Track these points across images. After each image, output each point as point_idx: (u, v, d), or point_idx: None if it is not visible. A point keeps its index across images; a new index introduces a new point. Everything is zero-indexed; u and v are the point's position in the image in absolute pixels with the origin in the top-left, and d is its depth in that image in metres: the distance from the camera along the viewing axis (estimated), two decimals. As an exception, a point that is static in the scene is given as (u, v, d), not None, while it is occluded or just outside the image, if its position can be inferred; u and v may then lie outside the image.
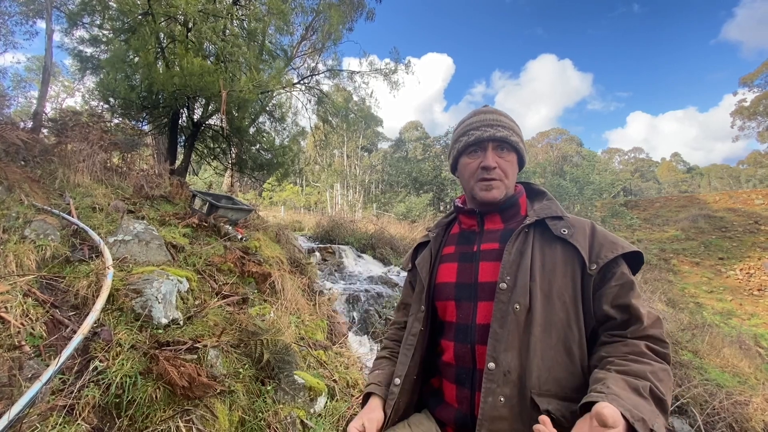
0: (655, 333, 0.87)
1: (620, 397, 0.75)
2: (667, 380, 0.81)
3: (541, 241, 1.00)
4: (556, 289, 0.94)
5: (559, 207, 1.07)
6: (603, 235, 0.98)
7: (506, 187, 1.07)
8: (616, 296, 0.91)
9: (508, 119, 1.10)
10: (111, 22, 6.15)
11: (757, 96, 31.72)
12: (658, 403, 0.77)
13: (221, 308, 2.81)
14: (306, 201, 36.37)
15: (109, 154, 4.93)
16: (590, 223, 1.02)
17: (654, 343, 0.86)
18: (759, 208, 22.13)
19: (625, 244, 0.96)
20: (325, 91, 10.60)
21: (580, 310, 0.93)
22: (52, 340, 1.89)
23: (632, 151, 67.23)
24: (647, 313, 0.89)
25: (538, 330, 0.91)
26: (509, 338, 0.91)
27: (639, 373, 0.80)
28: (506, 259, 0.99)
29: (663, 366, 0.83)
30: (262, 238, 4.90)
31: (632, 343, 0.86)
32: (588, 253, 0.95)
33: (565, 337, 0.91)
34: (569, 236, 0.97)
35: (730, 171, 56.77)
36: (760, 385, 4.55)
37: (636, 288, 0.92)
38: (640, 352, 0.84)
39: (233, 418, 2.05)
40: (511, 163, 1.08)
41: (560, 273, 0.95)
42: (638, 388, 0.78)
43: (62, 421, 1.53)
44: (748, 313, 14.70)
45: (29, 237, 2.57)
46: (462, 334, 1.02)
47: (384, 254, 9.03)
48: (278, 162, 8.22)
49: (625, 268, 0.94)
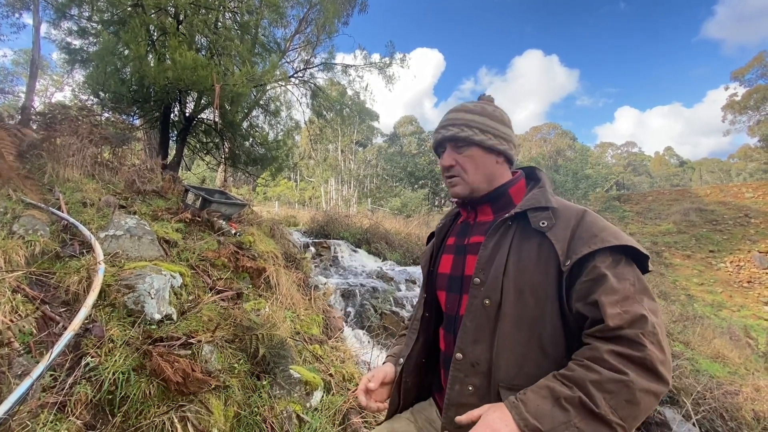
0: (626, 334, 0.77)
1: (525, 405, 0.77)
2: (619, 392, 0.73)
3: (521, 234, 0.96)
4: (529, 284, 0.90)
5: (547, 195, 0.99)
6: (588, 227, 0.90)
7: (467, 182, 1.07)
8: (587, 292, 0.83)
9: (467, 113, 1.08)
10: (99, 13, 6.03)
11: (747, 90, 31.99)
12: (588, 416, 0.73)
13: (215, 303, 2.79)
14: (300, 196, 36.23)
15: (99, 149, 4.86)
16: (581, 213, 0.94)
17: (623, 345, 0.76)
18: (749, 201, 22.41)
19: (607, 236, 0.86)
20: (319, 85, 10.50)
21: (555, 307, 0.88)
22: (43, 336, 1.85)
23: (625, 145, 67.63)
24: (620, 312, 0.78)
25: (508, 325, 0.90)
26: (477, 332, 0.93)
27: (577, 381, 0.76)
28: (482, 253, 0.99)
29: (618, 377, 0.74)
30: (256, 233, 4.87)
31: (595, 347, 0.79)
32: (565, 247, 0.88)
33: (539, 335, 0.88)
34: (547, 229, 0.92)
35: (721, 165, 57.38)
36: (749, 375, 4.63)
37: (609, 282, 0.81)
38: (596, 358, 0.77)
39: (228, 414, 2.04)
40: (470, 158, 1.06)
41: (534, 268, 0.90)
42: (560, 397, 0.76)
43: (54, 419, 1.51)
44: (738, 304, 14.94)
45: (18, 232, 2.53)
46: (450, 324, 1.06)
47: (379, 249, 9.03)
48: (272, 157, 8.15)
49: (603, 261, 0.84)
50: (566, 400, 0.75)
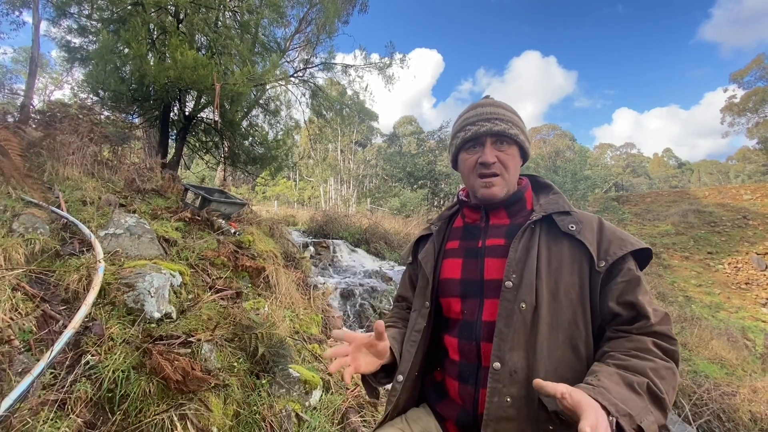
0: (662, 330, 0.84)
1: (608, 391, 0.73)
2: (670, 378, 0.78)
3: (548, 237, 0.96)
4: (563, 287, 0.90)
5: (566, 201, 1.02)
6: (611, 231, 0.95)
7: (507, 182, 1.03)
8: (623, 293, 0.88)
9: (508, 111, 1.05)
10: (99, 12, 6.03)
11: (747, 93, 32.07)
12: (655, 401, 0.75)
13: (215, 302, 2.80)
14: (299, 196, 36.22)
15: (99, 148, 4.85)
16: (598, 219, 0.99)
17: (661, 339, 0.83)
18: (747, 203, 22.46)
19: (634, 240, 0.93)
20: (319, 85, 10.50)
21: (587, 308, 0.90)
22: (43, 334, 1.86)
23: (624, 146, 67.75)
24: (654, 310, 0.86)
25: (545, 329, 0.88)
26: (515, 337, 0.89)
27: (638, 368, 0.78)
28: (512, 256, 0.95)
29: (667, 364, 0.80)
30: (255, 233, 4.87)
31: (637, 338, 0.84)
32: (596, 249, 0.91)
33: (571, 336, 0.88)
34: (577, 232, 0.93)
35: (719, 167, 57.52)
36: (746, 376, 4.65)
37: (643, 284, 0.89)
38: (644, 349, 0.82)
39: (228, 412, 2.05)
40: (511, 157, 1.03)
41: (567, 270, 0.92)
42: (632, 383, 0.75)
43: (54, 416, 1.52)
44: (736, 306, 14.97)
45: (18, 231, 2.53)
46: (467, 331, 0.99)
47: (378, 249, 9.04)
48: (272, 156, 8.15)
49: (632, 264, 0.91)
50: (638, 386, 0.75)
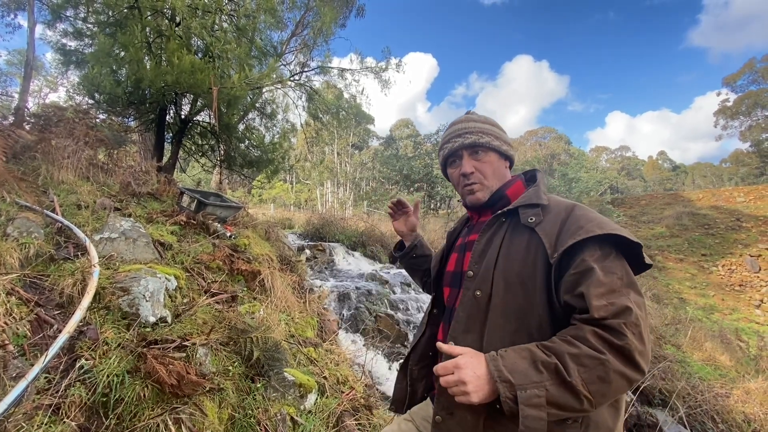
0: (610, 323, 0.79)
1: (503, 359, 0.81)
2: (593, 368, 0.76)
3: (512, 230, 1.02)
4: (519, 277, 0.94)
5: (539, 193, 1.04)
6: (575, 219, 0.93)
7: (487, 187, 1.13)
8: (574, 284, 0.86)
9: (479, 122, 1.15)
10: (96, 15, 6.02)
11: (739, 96, 32.47)
12: (560, 383, 0.76)
13: (210, 306, 2.80)
14: (296, 198, 36.16)
15: (94, 151, 4.84)
16: (570, 207, 0.98)
17: (605, 332, 0.79)
18: (741, 206, 22.67)
19: (592, 227, 0.88)
20: (315, 88, 10.52)
21: (543, 299, 0.91)
22: (37, 339, 1.86)
23: (619, 149, 68.25)
24: (606, 304, 0.81)
25: (497, 316, 0.94)
26: (468, 322, 0.98)
27: (556, 351, 0.80)
28: (475, 248, 1.05)
29: (596, 354, 0.77)
30: (251, 236, 4.87)
31: (579, 327, 0.83)
32: (554, 240, 0.92)
33: (527, 324, 0.91)
34: (535, 224, 0.97)
35: (713, 169, 57.93)
36: (740, 378, 4.68)
37: (596, 275, 0.84)
38: (579, 336, 0.80)
39: (223, 416, 2.05)
40: (488, 163, 1.13)
41: (524, 260, 0.95)
42: (537, 360, 0.80)
43: (48, 421, 1.52)
44: (730, 308, 15.10)
45: (12, 235, 2.52)
46: (446, 317, 1.12)
47: (375, 252, 9.05)
48: (268, 159, 8.14)
49: (591, 254, 0.87)
50: (542, 364, 0.79)
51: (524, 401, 0.76)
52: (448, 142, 1.16)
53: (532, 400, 0.76)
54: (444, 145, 1.18)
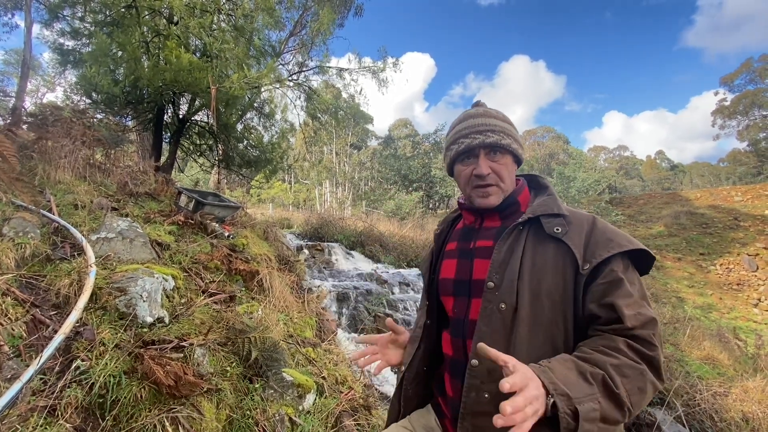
0: (641, 334, 0.81)
1: (553, 371, 0.76)
2: (635, 378, 0.77)
3: (534, 239, 0.97)
4: (545, 288, 0.91)
5: (558, 203, 1.02)
6: (602, 232, 0.93)
7: (502, 191, 1.05)
8: (602, 294, 0.86)
9: (499, 120, 1.07)
10: (93, 14, 6.01)
11: (737, 96, 32.59)
12: (609, 395, 0.75)
13: (208, 306, 2.78)
14: (295, 198, 36.13)
15: (92, 151, 4.82)
16: (591, 219, 0.98)
17: (637, 342, 0.81)
18: (738, 205, 22.71)
19: (622, 241, 0.90)
20: (314, 88, 10.51)
21: (570, 310, 0.90)
22: (33, 339, 1.84)
23: (617, 149, 68.48)
24: (635, 314, 0.83)
25: (525, 329, 0.90)
26: (493, 336, 0.91)
27: (598, 361, 0.78)
28: (495, 257, 0.98)
29: (635, 365, 0.78)
30: (249, 236, 4.85)
31: (610, 337, 0.83)
32: (582, 251, 0.90)
33: (553, 337, 0.89)
34: (562, 234, 0.93)
35: (711, 169, 58.09)
36: (738, 377, 4.68)
37: (625, 287, 0.86)
38: (613, 347, 0.81)
39: (221, 417, 2.04)
40: (505, 166, 1.05)
41: (551, 272, 0.91)
42: (585, 371, 0.76)
43: (44, 422, 1.50)
44: (728, 306, 15.13)
45: (8, 235, 2.50)
46: (456, 329, 1.04)
47: (373, 251, 9.04)
48: (266, 159, 8.13)
49: (618, 266, 0.88)
50: (591, 375, 0.76)
51: (584, 416, 0.72)
52: (465, 137, 1.05)
53: (590, 414, 0.72)
54: (460, 140, 1.06)
